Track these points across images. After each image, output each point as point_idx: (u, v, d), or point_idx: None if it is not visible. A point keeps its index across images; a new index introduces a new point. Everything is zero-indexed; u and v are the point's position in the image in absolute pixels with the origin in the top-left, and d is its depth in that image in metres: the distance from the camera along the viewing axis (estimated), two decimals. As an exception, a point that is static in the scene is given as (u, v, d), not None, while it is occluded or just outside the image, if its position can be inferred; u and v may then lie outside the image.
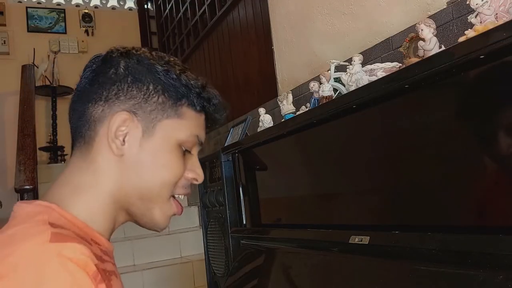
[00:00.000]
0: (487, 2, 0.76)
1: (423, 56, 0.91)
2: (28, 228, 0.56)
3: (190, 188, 0.69)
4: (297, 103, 1.55)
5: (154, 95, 0.64)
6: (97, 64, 0.66)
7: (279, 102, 1.46)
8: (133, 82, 0.63)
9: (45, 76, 4.33)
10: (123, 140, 0.63)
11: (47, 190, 0.66)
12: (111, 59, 0.65)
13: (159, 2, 4.60)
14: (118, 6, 5.02)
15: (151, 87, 0.64)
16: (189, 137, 0.66)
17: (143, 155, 0.63)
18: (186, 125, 0.66)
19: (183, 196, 0.69)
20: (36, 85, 3.93)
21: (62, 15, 4.76)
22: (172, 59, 0.67)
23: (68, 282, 0.49)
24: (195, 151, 0.69)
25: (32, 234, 0.54)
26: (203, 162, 1.70)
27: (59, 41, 4.64)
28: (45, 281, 0.49)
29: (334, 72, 1.26)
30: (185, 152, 0.67)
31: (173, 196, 0.68)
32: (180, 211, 0.69)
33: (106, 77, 0.64)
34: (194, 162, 0.68)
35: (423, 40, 0.86)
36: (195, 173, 0.68)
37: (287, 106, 1.41)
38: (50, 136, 4.30)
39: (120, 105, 0.63)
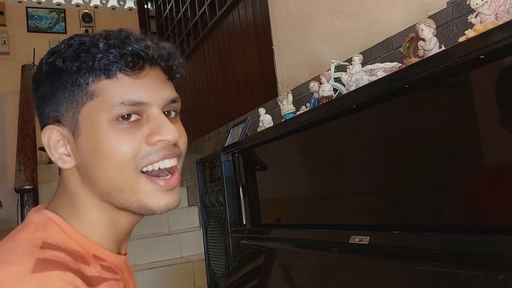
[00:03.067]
0: (487, 2, 0.76)
1: (423, 56, 0.91)
2: (18, 248, 0.54)
3: (166, 149, 0.60)
4: (297, 103, 1.55)
5: (58, 93, 0.59)
6: None
7: (279, 102, 1.46)
8: (43, 93, 0.61)
9: (45, 76, 4.32)
10: (68, 151, 0.61)
11: (51, 202, 0.64)
12: None
13: (159, 2, 4.60)
14: (118, 6, 5.02)
15: (53, 88, 0.60)
16: (116, 110, 0.57)
17: (84, 154, 0.59)
18: (104, 101, 0.57)
19: (169, 161, 0.61)
20: (36, 85, 3.92)
21: (62, 15, 4.76)
22: (70, 41, 0.61)
23: None
24: (151, 112, 0.60)
25: (17, 258, 0.52)
26: (203, 162, 1.71)
27: (59, 41, 4.59)
28: None
29: (334, 72, 1.26)
30: (135, 122, 0.59)
31: (148, 172, 0.60)
32: (166, 185, 0.61)
33: (35, 105, 0.63)
34: (154, 123, 0.59)
35: (423, 40, 0.86)
36: (158, 133, 0.59)
37: (287, 106, 1.41)
38: (50, 136, 4.30)
39: (46, 120, 0.61)
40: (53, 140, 0.61)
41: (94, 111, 0.58)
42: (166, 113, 0.62)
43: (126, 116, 0.58)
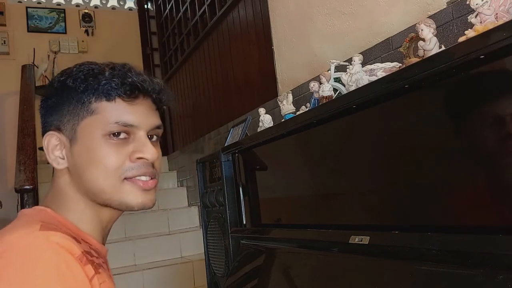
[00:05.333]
0: (487, 2, 0.76)
1: (423, 56, 0.91)
2: (19, 223, 0.66)
3: (146, 167, 0.71)
4: (297, 103, 1.55)
5: (64, 106, 0.71)
6: None
7: (279, 102, 1.46)
8: (50, 104, 0.73)
9: (45, 76, 4.32)
10: (63, 155, 0.72)
11: (44, 199, 0.75)
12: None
13: (159, 2, 4.60)
14: (118, 6, 5.02)
15: (60, 101, 0.72)
16: (110, 127, 0.69)
17: (78, 160, 0.71)
18: (101, 119, 0.69)
19: (145, 177, 0.72)
20: (36, 85, 3.92)
21: (62, 15, 4.76)
22: (81, 67, 0.72)
23: (56, 260, 0.57)
24: (138, 134, 0.71)
25: (22, 226, 0.63)
26: (203, 162, 1.71)
27: (59, 41, 4.63)
28: (36, 260, 0.56)
29: (334, 72, 1.26)
30: (123, 140, 0.70)
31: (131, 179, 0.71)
32: (144, 185, 0.72)
33: (42, 113, 0.75)
34: (138, 143, 0.71)
35: (423, 40, 0.86)
36: (140, 151, 0.71)
37: (287, 106, 1.41)
38: (50, 136, 4.29)
39: (48, 127, 0.73)
40: (52, 144, 0.72)
41: (91, 125, 0.70)
42: (149, 136, 0.74)
43: (116, 133, 0.70)
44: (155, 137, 0.76)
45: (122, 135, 0.70)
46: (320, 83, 1.23)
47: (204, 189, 1.70)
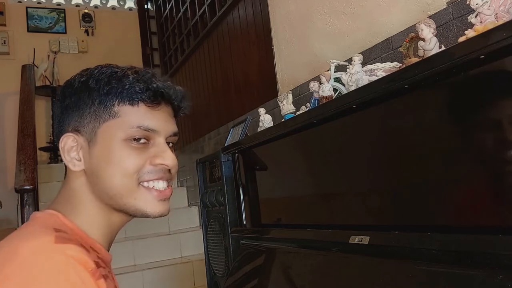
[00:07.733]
0: (487, 2, 0.76)
1: (423, 56, 0.91)
2: (34, 230, 0.64)
3: (163, 172, 0.72)
4: (297, 103, 1.55)
5: (86, 108, 0.70)
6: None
7: (279, 102, 1.46)
8: (68, 105, 0.72)
9: (45, 76, 4.32)
10: (79, 156, 0.71)
11: (53, 201, 0.74)
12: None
13: (159, 2, 4.60)
14: (118, 6, 5.02)
15: (81, 102, 0.71)
16: (132, 131, 0.69)
17: (96, 162, 0.70)
18: (123, 122, 0.70)
19: (162, 182, 0.73)
20: (36, 85, 3.92)
21: (62, 15, 4.76)
22: (103, 69, 0.72)
23: (72, 275, 0.57)
24: (158, 139, 0.72)
25: (37, 234, 0.62)
26: (203, 162, 1.71)
27: (59, 41, 4.63)
28: (53, 274, 0.56)
29: (334, 72, 1.26)
30: (143, 144, 0.71)
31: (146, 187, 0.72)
32: (161, 195, 0.72)
33: (58, 113, 0.75)
34: (158, 149, 0.72)
35: (423, 40, 0.86)
36: (161, 157, 0.72)
37: (287, 106, 1.41)
38: (50, 136, 4.29)
39: (67, 128, 0.72)
40: (68, 145, 0.72)
41: (113, 128, 0.70)
42: (167, 143, 0.75)
43: (137, 138, 0.70)
44: (171, 144, 0.76)
45: (143, 140, 0.70)
46: (320, 83, 1.23)
47: (204, 189, 1.70)
